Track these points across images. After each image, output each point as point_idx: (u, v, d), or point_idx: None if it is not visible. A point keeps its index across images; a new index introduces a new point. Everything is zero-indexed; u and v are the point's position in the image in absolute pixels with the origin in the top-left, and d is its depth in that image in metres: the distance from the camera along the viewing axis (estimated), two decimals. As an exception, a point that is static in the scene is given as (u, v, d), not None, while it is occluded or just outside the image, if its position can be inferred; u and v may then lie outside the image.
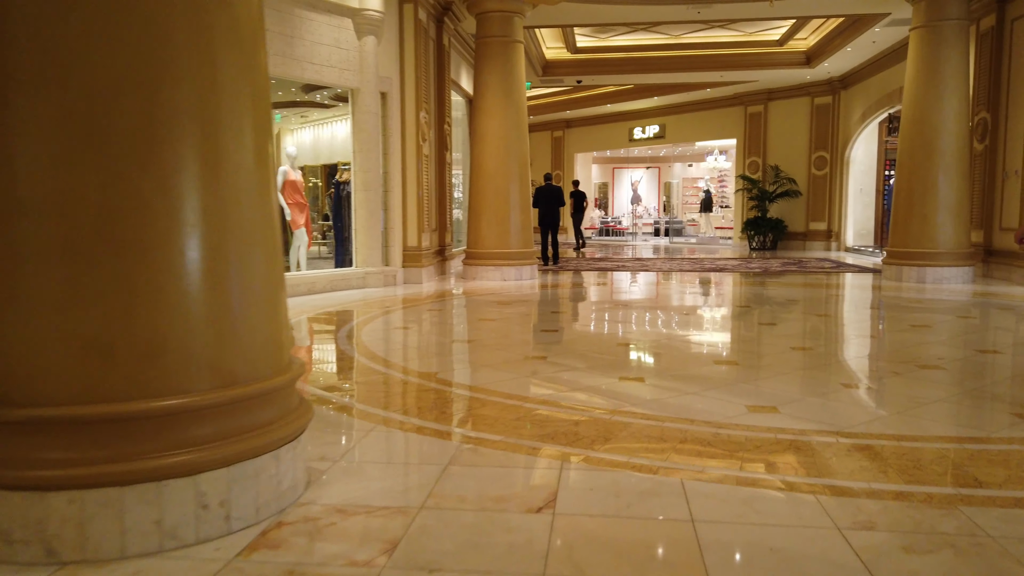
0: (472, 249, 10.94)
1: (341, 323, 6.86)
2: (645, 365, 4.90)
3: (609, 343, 5.83)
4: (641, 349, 5.42)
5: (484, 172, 10.76)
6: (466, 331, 6.36)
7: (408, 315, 7.28)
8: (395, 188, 10.08)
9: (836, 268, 12.79)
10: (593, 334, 6.32)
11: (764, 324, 6.61)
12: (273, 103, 13.20)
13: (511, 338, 5.90)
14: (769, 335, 6.09)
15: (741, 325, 6.78)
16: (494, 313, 7.37)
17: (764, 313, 7.49)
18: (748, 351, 5.43)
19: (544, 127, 25.51)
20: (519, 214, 10.81)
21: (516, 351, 5.28)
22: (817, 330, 6.44)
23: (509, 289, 9.68)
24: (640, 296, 9.22)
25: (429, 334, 6.22)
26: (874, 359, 5.09)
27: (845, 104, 17.67)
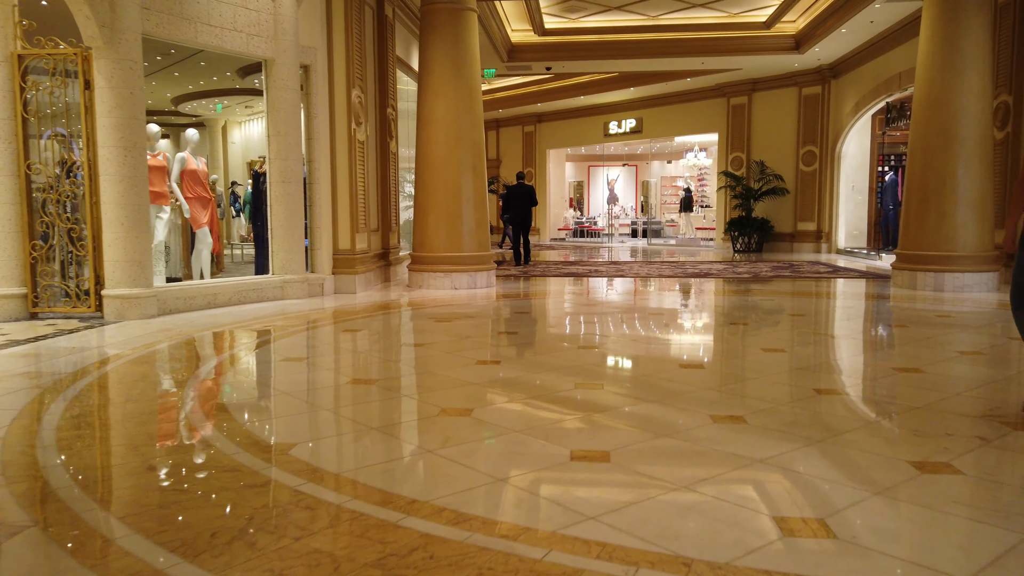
0: (418, 253, 9.37)
1: (205, 355, 5.25)
2: (623, 443, 3.37)
3: (568, 396, 4.31)
4: (614, 408, 3.89)
5: (431, 162, 9.19)
6: (377, 366, 4.79)
7: (314, 339, 5.69)
8: (322, 180, 8.47)
9: (833, 273, 11.39)
10: (548, 369, 4.79)
11: (770, 350, 5.11)
12: (208, 90, 11.44)
13: (436, 377, 4.34)
14: (783, 371, 4.60)
15: (743, 356, 5.28)
16: (429, 334, 5.82)
17: (767, 335, 6.00)
18: (760, 399, 3.93)
19: (514, 121, 24.01)
20: (473, 211, 9.25)
21: (439, 397, 3.73)
22: (847, 364, 4.96)
23: (460, 300, 8.14)
24: (614, 310, 7.71)
25: (322, 371, 4.64)
26: (946, 416, 3.60)
27: (836, 95, 16.34)
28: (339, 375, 4.32)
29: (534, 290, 9.22)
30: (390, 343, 5.54)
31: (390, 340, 5.70)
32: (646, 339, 5.69)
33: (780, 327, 6.26)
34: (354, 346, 5.40)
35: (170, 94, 15.88)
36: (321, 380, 4.27)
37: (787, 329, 6.15)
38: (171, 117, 17.98)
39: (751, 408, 3.48)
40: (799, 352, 5.10)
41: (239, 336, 5.84)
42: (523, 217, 13.05)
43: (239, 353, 5.22)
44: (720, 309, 7.40)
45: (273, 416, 3.48)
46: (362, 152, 8.89)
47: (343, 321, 6.58)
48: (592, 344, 5.31)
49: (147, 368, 4.49)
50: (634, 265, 13.34)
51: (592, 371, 4.44)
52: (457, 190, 9.13)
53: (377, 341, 5.65)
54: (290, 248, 8.03)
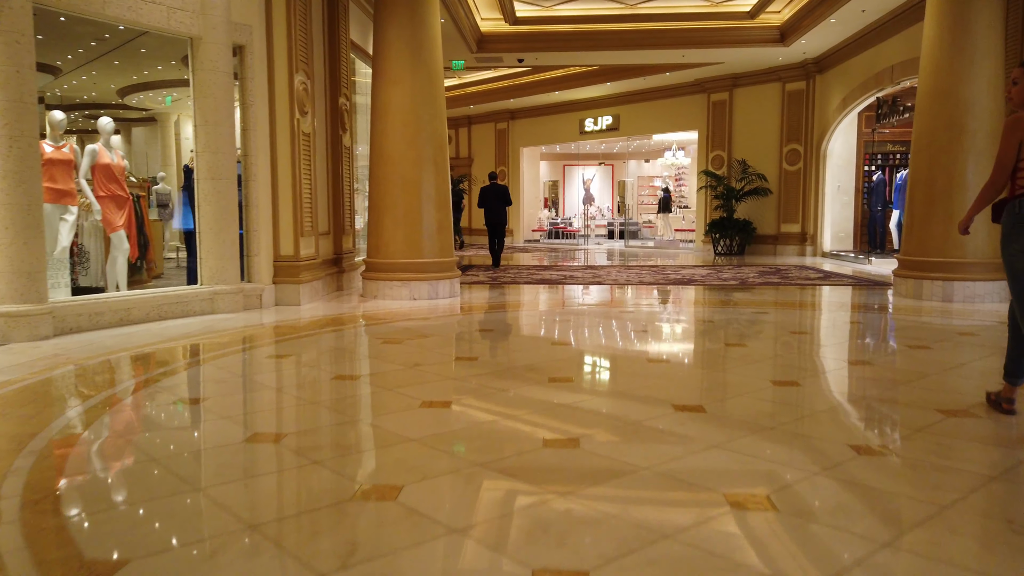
0: (373, 258, 8.37)
1: (78, 394, 4.22)
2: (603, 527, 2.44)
3: (532, 459, 3.37)
4: (598, 468, 2.96)
5: (387, 156, 8.19)
6: (293, 411, 3.80)
7: (230, 368, 4.68)
8: (260, 177, 7.43)
9: (824, 279, 10.60)
10: (512, 414, 3.85)
11: (782, 384, 4.22)
12: (154, 81, 10.22)
13: (365, 429, 3.37)
14: (807, 408, 3.70)
15: (754, 393, 4.38)
16: (371, 361, 4.85)
17: (774, 363, 5.11)
18: (786, 449, 3.03)
19: (486, 118, 23.05)
20: (435, 212, 8.28)
21: (363, 466, 2.76)
22: (886, 411, 4.08)
23: (418, 312, 7.17)
24: (590, 326, 6.79)
25: (218, 420, 3.64)
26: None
27: (821, 90, 15.62)
28: (238, 427, 3.33)
29: (502, 301, 8.27)
30: (321, 374, 4.55)
31: (322, 370, 4.71)
32: (627, 368, 4.77)
33: (786, 351, 5.37)
34: (276, 379, 4.40)
35: (114, 85, 14.67)
36: (211, 436, 3.27)
37: (795, 353, 5.26)
38: (120, 111, 16.77)
39: (776, 484, 2.56)
40: (815, 388, 4.21)
41: (138, 365, 4.82)
42: (498, 217, 12.96)
43: (123, 391, 4.19)
44: (712, 326, 6.51)
45: (116, 506, 2.48)
46: (308, 146, 7.87)
47: (276, 342, 5.58)
48: (565, 375, 4.38)
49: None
50: (611, 270, 12.45)
51: (563, 412, 3.50)
52: (416, 188, 8.15)
53: (306, 371, 4.65)
54: (221, 254, 6.99)
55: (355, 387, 4.10)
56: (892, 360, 4.97)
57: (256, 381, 4.33)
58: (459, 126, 23.99)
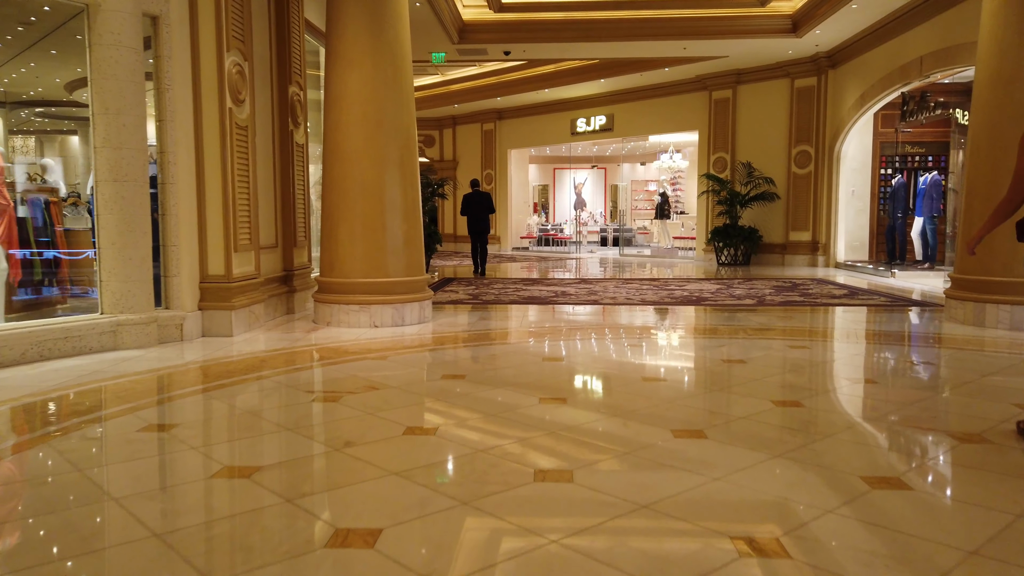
0: (326, 277, 6.96)
1: None
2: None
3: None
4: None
5: (342, 154, 6.80)
6: (119, 555, 2.40)
7: (80, 450, 3.27)
8: (181, 178, 6.02)
9: (851, 297, 9.28)
10: (481, 541, 2.48)
11: (882, 484, 2.87)
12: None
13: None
14: (944, 532, 2.35)
15: (830, 483, 3.02)
16: (288, 438, 3.45)
17: (848, 439, 3.75)
18: None
19: (472, 118, 21.70)
20: (401, 222, 6.89)
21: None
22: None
23: (378, 345, 5.78)
24: (589, 365, 5.42)
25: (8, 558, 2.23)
26: None
27: (834, 87, 14.34)
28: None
29: (483, 328, 6.88)
30: (198, 465, 3.12)
31: (212, 454, 3.29)
32: (653, 454, 3.40)
33: (870, 418, 4.02)
34: (131, 474, 2.99)
35: (59, 79, 13.19)
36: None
37: (882, 426, 3.90)
38: (71, 109, 15.28)
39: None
40: (936, 489, 2.85)
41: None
42: (482, 225, 12.90)
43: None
44: (747, 372, 5.15)
45: None
46: (244, 140, 6.46)
47: (166, 400, 4.17)
48: (560, 466, 3.01)
49: None
50: (608, 285, 11.09)
51: (561, 520, 2.14)
52: (378, 193, 6.76)
53: (180, 462, 3.21)
54: (127, 275, 5.57)
55: (240, 494, 2.70)
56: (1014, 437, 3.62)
57: (88, 486, 2.90)
58: (443, 127, 22.63)
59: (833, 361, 5.35)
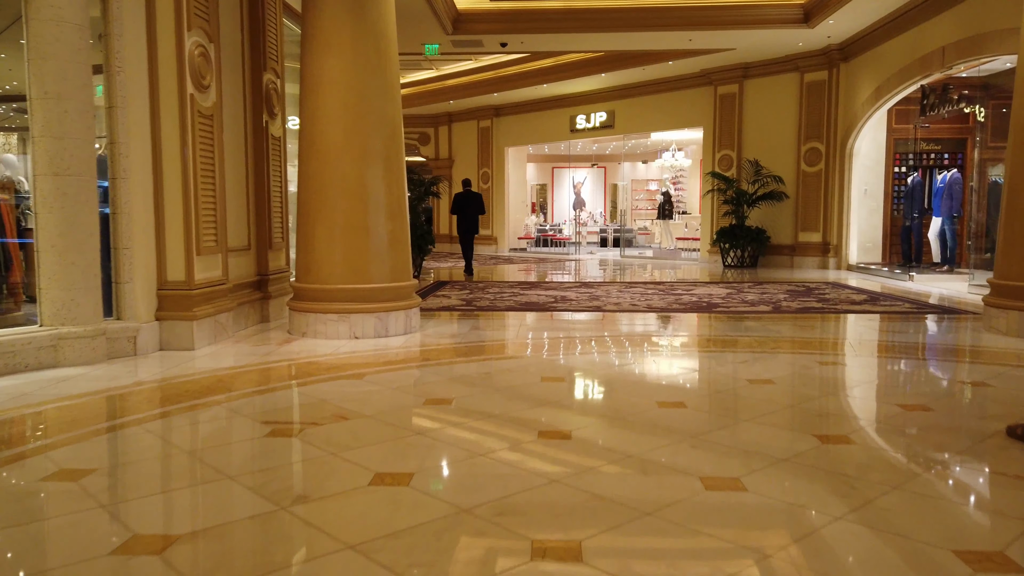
0: (302, 283, 6.30)
1: None
2: None
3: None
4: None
5: (320, 148, 6.14)
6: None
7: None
8: (135, 172, 5.35)
9: (871, 302, 8.63)
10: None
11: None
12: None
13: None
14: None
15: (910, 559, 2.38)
16: (231, 487, 2.79)
17: (920, 490, 3.08)
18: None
19: (468, 115, 21.04)
20: (386, 222, 6.23)
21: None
22: None
23: (358, 359, 5.13)
24: (594, 381, 4.78)
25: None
26: None
27: (847, 80, 13.71)
28: None
29: (476, 339, 6.22)
30: (112, 532, 2.46)
31: (121, 515, 2.61)
32: (690, 515, 2.75)
33: (939, 461, 3.36)
34: (13, 542, 2.34)
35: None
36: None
37: (959, 473, 3.25)
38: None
39: None
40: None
41: None
42: (473, 225, 12.90)
43: None
44: (779, 395, 4.50)
45: None
46: (208, 130, 5.80)
47: (101, 431, 3.51)
48: (566, 534, 2.36)
49: None
50: (611, 288, 10.44)
51: None
52: (359, 190, 6.10)
53: (86, 524, 2.53)
54: (70, 282, 4.91)
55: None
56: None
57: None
58: (438, 124, 21.97)
59: (873, 381, 4.69)
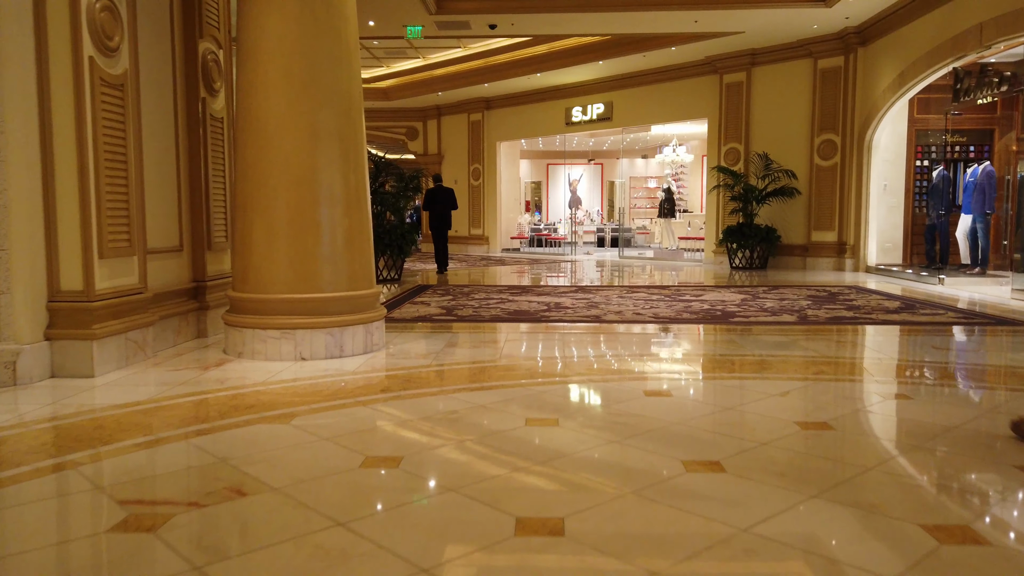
0: (239, 292, 5.18)
1: None
2: None
3: None
4: None
5: (259, 125, 5.02)
6: None
7: None
8: (16, 154, 4.23)
9: (908, 310, 7.55)
10: None
11: None
12: None
13: None
14: None
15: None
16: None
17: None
18: None
19: (458, 108, 19.93)
20: (342, 216, 5.12)
21: None
22: None
23: (298, 391, 4.04)
24: (595, 426, 3.69)
25: None
26: None
27: (865, 67, 12.64)
28: None
29: (449, 361, 5.11)
30: None
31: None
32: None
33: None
34: None
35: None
36: None
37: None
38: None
39: None
40: None
41: None
42: (446, 221, 12.73)
43: None
44: (838, 443, 3.41)
45: None
46: (118, 104, 4.68)
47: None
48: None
49: None
50: (610, 294, 9.34)
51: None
52: (307, 177, 4.99)
53: None
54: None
55: None
56: None
57: None
58: (427, 117, 20.86)
59: (967, 425, 3.60)
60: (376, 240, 10.93)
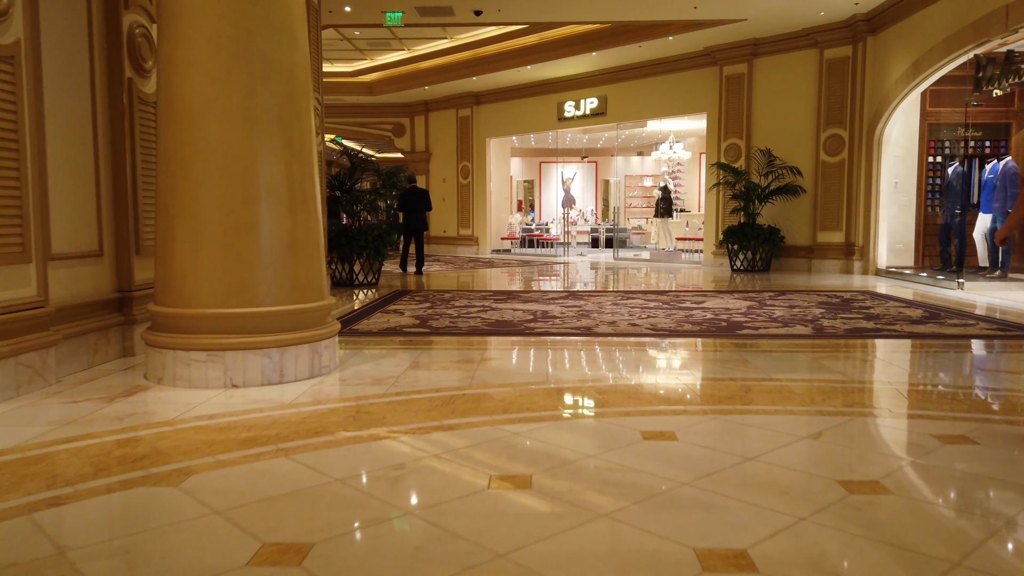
0: (161, 305, 4.36)
1: None
2: None
3: None
4: None
5: (181, 106, 4.20)
6: None
7: None
8: None
9: (934, 320, 6.78)
10: None
11: None
12: None
13: None
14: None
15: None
16: None
17: None
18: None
19: (446, 103, 19.14)
20: (284, 215, 4.30)
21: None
22: None
23: (217, 431, 3.24)
24: (586, 490, 2.89)
25: None
26: None
27: (876, 56, 11.88)
28: None
29: (409, 388, 4.30)
30: None
31: None
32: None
33: None
34: None
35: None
36: None
37: None
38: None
39: None
40: None
41: None
42: (420, 223, 12.68)
43: None
44: (905, 514, 2.63)
45: None
46: (8, 78, 3.86)
47: None
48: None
49: None
50: (604, 300, 8.54)
51: None
52: (241, 168, 4.18)
53: None
54: None
55: None
56: None
57: None
58: (414, 113, 20.05)
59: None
60: (351, 242, 10.12)
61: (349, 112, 19.63)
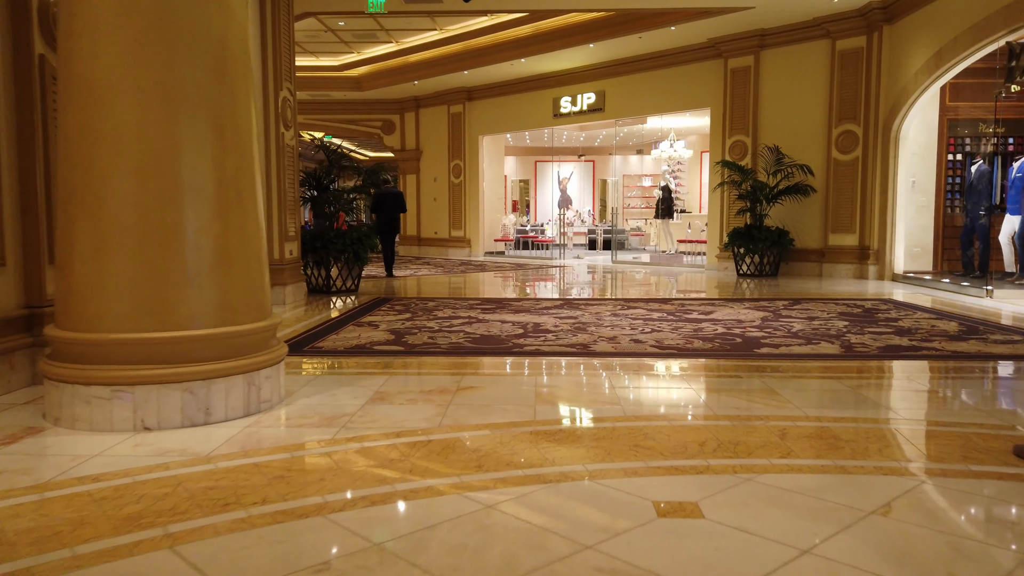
0: (61, 329, 3.55)
1: None
2: None
3: None
4: None
5: (83, 84, 3.40)
6: None
7: None
8: None
9: (976, 335, 6.00)
10: None
11: None
12: None
13: None
14: None
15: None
16: None
17: None
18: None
19: (437, 99, 18.34)
20: (212, 218, 3.51)
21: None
22: None
23: (91, 503, 2.45)
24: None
25: None
26: None
27: (892, 46, 11.12)
28: None
29: (365, 430, 3.50)
30: None
31: None
32: None
33: None
34: None
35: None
36: None
37: None
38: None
39: None
40: None
41: None
42: (395, 225, 12.45)
43: None
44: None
45: None
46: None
47: None
48: None
49: None
50: (602, 310, 7.75)
51: None
52: (155, 161, 3.39)
53: None
54: None
55: None
56: None
57: None
58: (404, 110, 19.25)
59: None
60: (328, 245, 9.32)
61: (337, 109, 18.82)
